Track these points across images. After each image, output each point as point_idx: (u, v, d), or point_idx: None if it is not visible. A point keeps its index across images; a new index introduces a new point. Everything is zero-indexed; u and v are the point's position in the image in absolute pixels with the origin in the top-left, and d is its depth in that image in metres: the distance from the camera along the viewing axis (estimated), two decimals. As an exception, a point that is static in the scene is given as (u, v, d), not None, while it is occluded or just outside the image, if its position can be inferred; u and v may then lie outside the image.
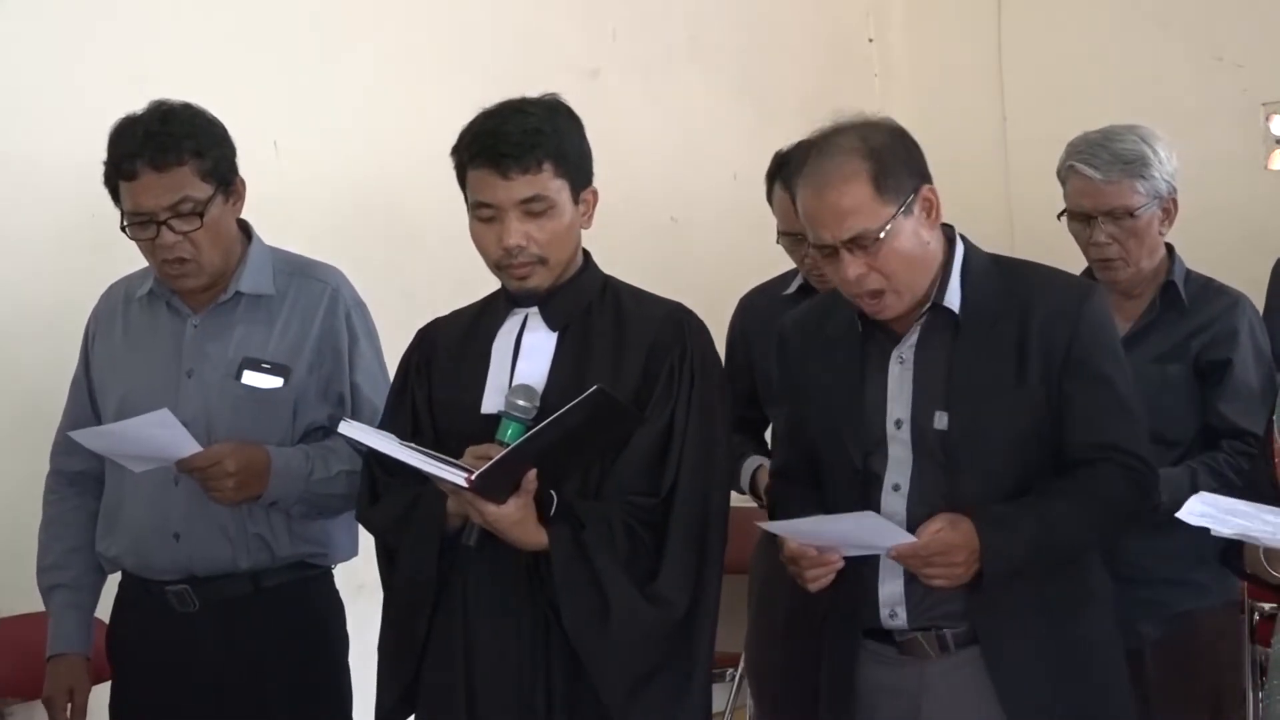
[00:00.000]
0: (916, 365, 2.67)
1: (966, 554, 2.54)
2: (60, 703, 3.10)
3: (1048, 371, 2.62)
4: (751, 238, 3.75)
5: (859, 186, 2.56)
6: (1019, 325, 2.64)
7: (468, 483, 2.48)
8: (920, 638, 2.66)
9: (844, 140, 2.61)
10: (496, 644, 2.65)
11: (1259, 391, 3.20)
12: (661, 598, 2.61)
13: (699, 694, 2.69)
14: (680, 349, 2.67)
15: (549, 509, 2.59)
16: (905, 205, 2.59)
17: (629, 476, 2.64)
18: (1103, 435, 2.63)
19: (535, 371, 2.69)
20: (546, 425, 2.48)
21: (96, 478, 3.17)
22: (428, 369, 2.79)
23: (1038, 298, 2.66)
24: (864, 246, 2.57)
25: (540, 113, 2.67)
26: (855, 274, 2.59)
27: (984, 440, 2.62)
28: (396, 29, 4.67)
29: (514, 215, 2.62)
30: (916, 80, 5.98)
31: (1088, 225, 3.24)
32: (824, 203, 2.58)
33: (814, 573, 2.60)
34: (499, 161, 2.61)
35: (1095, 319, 2.67)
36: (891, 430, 2.66)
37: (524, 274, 2.66)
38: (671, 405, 2.65)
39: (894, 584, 2.65)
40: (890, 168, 2.58)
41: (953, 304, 2.66)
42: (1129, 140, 3.24)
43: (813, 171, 2.61)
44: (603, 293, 2.75)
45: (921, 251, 2.63)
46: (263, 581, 3.08)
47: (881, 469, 2.67)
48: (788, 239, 3.53)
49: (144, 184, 2.94)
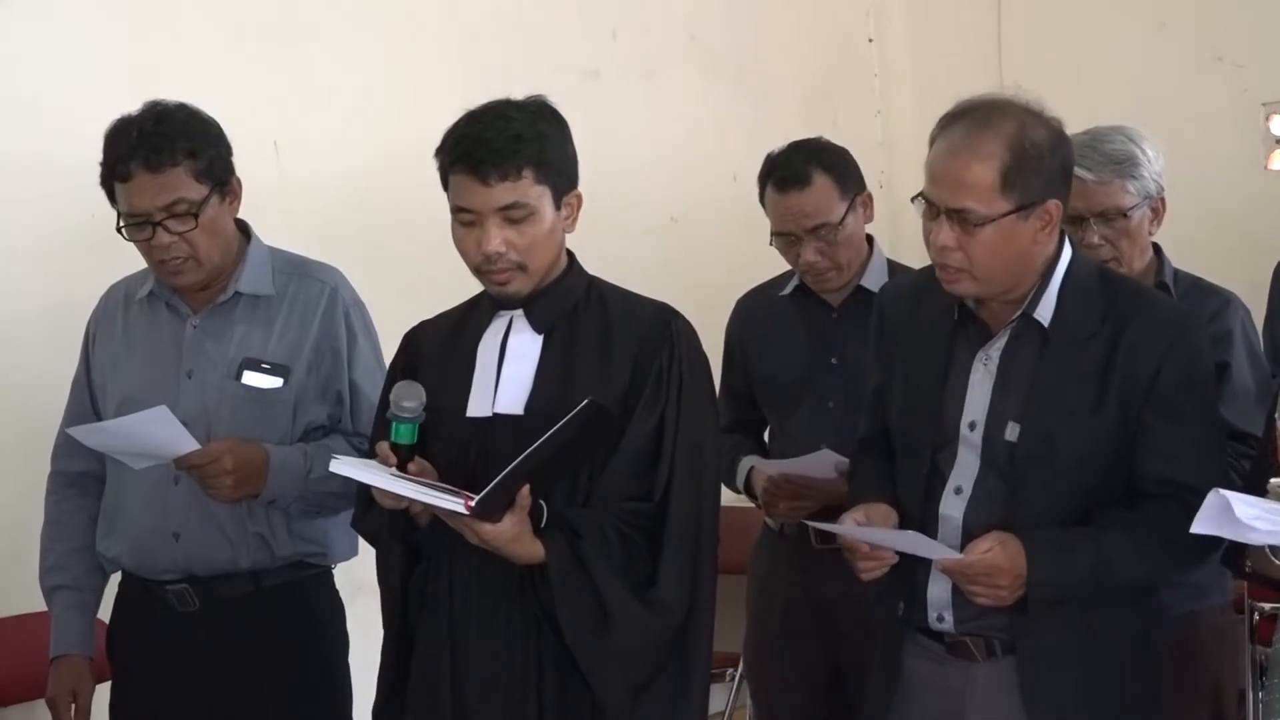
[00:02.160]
0: (1000, 370, 2.65)
1: (1011, 578, 2.53)
2: (64, 704, 3.10)
3: (1129, 399, 2.59)
4: (751, 238, 3.75)
5: (987, 171, 2.54)
6: (1108, 347, 2.60)
7: (467, 508, 2.46)
8: (969, 641, 2.66)
9: (1001, 121, 2.58)
10: (485, 654, 2.64)
11: (1255, 393, 3.19)
12: (660, 604, 2.60)
13: (697, 697, 2.69)
14: (669, 350, 2.66)
15: (539, 520, 2.58)
16: (1022, 210, 2.56)
17: (620, 481, 2.62)
18: (1173, 472, 2.59)
19: (522, 374, 2.68)
20: (543, 443, 2.46)
21: (97, 479, 3.17)
22: (415, 372, 2.77)
23: (1133, 322, 2.61)
24: (963, 223, 2.56)
25: (523, 118, 2.64)
26: (944, 243, 2.57)
27: (1051, 458, 2.59)
28: (396, 29, 4.67)
29: (494, 221, 2.61)
30: (916, 80, 5.98)
31: (1079, 227, 3.24)
32: (950, 166, 2.57)
33: (867, 564, 2.62)
34: (479, 168, 2.59)
35: (1188, 353, 2.62)
36: (965, 432, 2.65)
37: (504, 279, 2.65)
38: (661, 407, 2.64)
39: (942, 587, 2.64)
40: (1026, 169, 2.56)
41: (1044, 317, 2.64)
42: (1117, 141, 3.23)
43: (957, 132, 2.59)
44: (588, 294, 2.74)
45: (1018, 256, 2.60)
46: (263, 581, 3.08)
47: (948, 469, 2.65)
48: (780, 240, 3.53)
49: (138, 185, 2.94)
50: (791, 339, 3.59)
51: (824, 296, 3.56)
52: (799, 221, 3.46)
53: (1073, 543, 2.56)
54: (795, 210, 3.46)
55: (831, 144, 3.57)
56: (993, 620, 2.62)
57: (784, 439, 3.62)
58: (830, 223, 3.45)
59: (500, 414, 2.66)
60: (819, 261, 3.47)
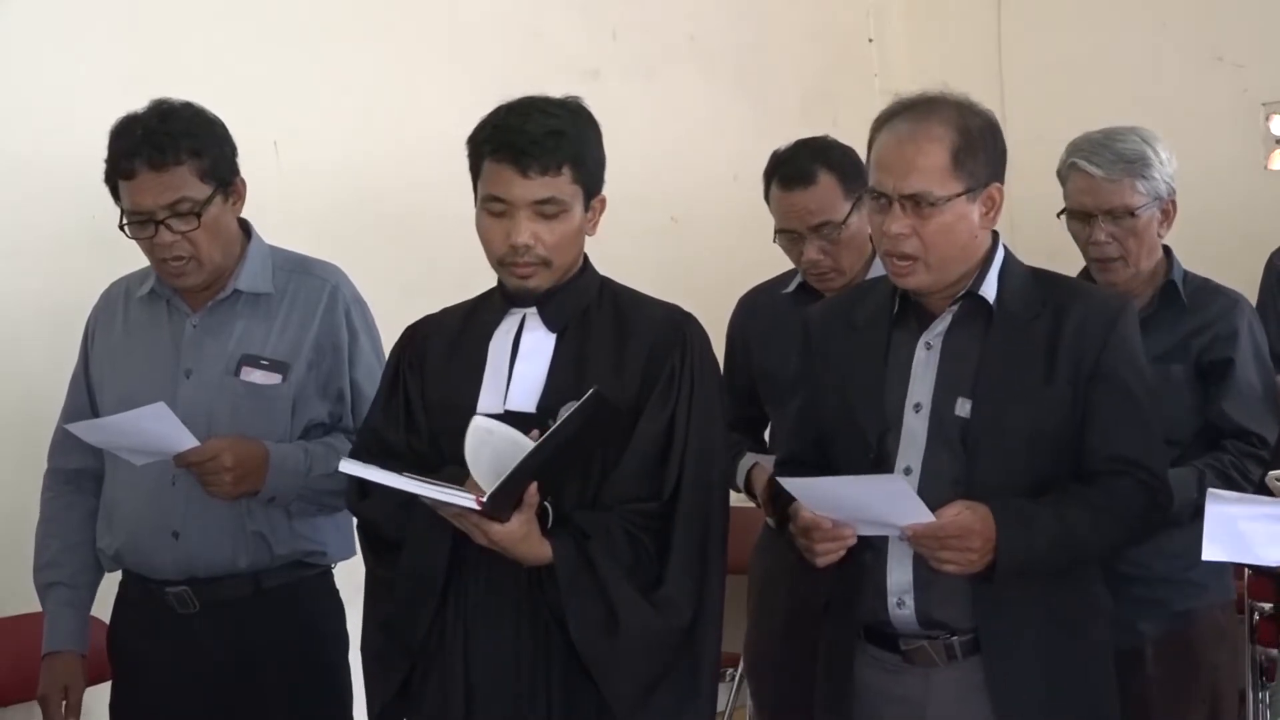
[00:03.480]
0: (944, 352, 2.67)
1: (982, 541, 2.53)
2: (55, 701, 3.10)
3: (1076, 376, 2.63)
4: (751, 238, 3.75)
5: (939, 152, 2.61)
6: (1053, 326, 2.65)
7: (478, 504, 2.46)
8: (928, 646, 2.66)
9: (942, 109, 2.66)
10: (495, 655, 2.63)
11: (1261, 391, 3.20)
12: (668, 604, 2.60)
13: (706, 697, 2.69)
14: (680, 351, 2.67)
15: (546, 521, 2.58)
16: (972, 192, 2.62)
17: (629, 481, 2.62)
18: (1124, 449, 2.64)
19: (535, 372, 2.68)
20: (550, 436, 2.46)
21: (94, 476, 3.17)
22: (420, 367, 2.77)
23: (1074, 304, 2.67)
24: (918, 207, 2.59)
25: (564, 115, 2.66)
26: (898, 230, 2.61)
27: (1006, 432, 2.62)
28: (397, 29, 4.66)
29: (526, 214, 2.62)
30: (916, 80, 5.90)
31: (1087, 224, 3.24)
32: (900, 153, 2.62)
33: (825, 546, 2.59)
34: (519, 159, 2.60)
35: (1127, 332, 2.69)
36: (909, 414, 2.66)
37: (527, 273, 2.65)
38: (671, 407, 2.64)
39: (903, 573, 2.64)
40: (974, 151, 2.63)
41: (989, 295, 2.68)
42: (1131, 140, 3.24)
43: (901, 123, 2.65)
44: (600, 295, 2.75)
45: (967, 239, 2.65)
46: (263, 582, 3.08)
47: (894, 450, 2.66)
48: (784, 237, 3.53)
49: (142, 183, 2.94)
50: (793, 336, 3.58)
51: (828, 295, 3.56)
52: (802, 219, 3.46)
53: (1035, 511, 2.58)
54: (799, 208, 3.47)
55: (838, 143, 3.57)
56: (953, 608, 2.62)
57: (784, 437, 3.62)
58: (833, 221, 3.45)
59: (512, 410, 2.65)
60: (821, 260, 3.47)
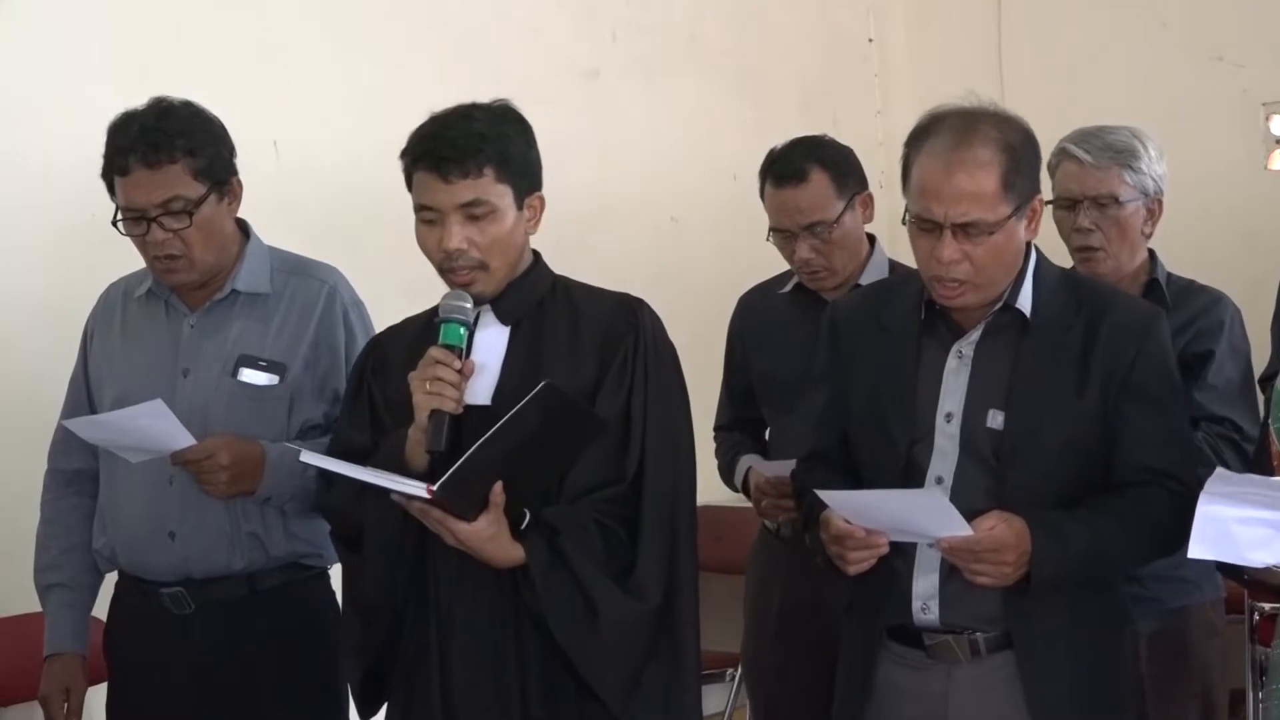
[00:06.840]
0: (976, 362, 2.66)
1: (1017, 555, 2.53)
2: (57, 702, 3.10)
3: (1107, 387, 2.62)
4: (751, 238, 3.75)
5: (989, 179, 2.56)
6: (1086, 337, 2.64)
7: (429, 492, 2.46)
8: (952, 640, 2.65)
9: (984, 126, 2.60)
10: (473, 655, 2.64)
11: (1239, 385, 3.22)
12: (639, 588, 2.61)
13: (691, 679, 2.70)
14: (633, 336, 2.68)
15: (521, 525, 2.58)
16: (1020, 210, 2.59)
17: (590, 467, 2.63)
18: (1155, 460, 2.63)
19: (489, 365, 2.69)
20: (500, 427, 2.47)
21: (93, 477, 3.17)
22: (383, 370, 2.79)
23: (1106, 313, 2.66)
24: (970, 235, 2.56)
25: (485, 118, 2.68)
26: (950, 257, 2.57)
27: (1038, 443, 2.61)
28: (397, 29, 4.67)
29: (455, 219, 2.64)
30: (916, 80, 5.98)
31: (1072, 211, 3.26)
32: (950, 180, 2.56)
33: (857, 555, 2.58)
34: (440, 165, 2.63)
35: (1160, 342, 2.68)
36: (941, 423, 2.65)
37: (467, 279, 2.67)
38: (626, 391, 2.66)
39: (929, 579, 2.63)
40: (1020, 169, 2.59)
41: (1024, 307, 2.66)
42: (1122, 134, 3.29)
43: (947, 148, 2.58)
44: (553, 289, 2.77)
45: (1014, 257, 2.63)
46: (258, 583, 3.07)
47: (925, 461, 2.65)
48: (777, 235, 3.53)
49: (136, 180, 2.94)
50: (790, 337, 3.59)
51: (823, 295, 3.56)
52: (794, 217, 3.46)
53: (1067, 524, 2.58)
54: (791, 206, 3.46)
55: (834, 142, 3.57)
56: (980, 609, 2.62)
57: (782, 437, 3.61)
58: (825, 220, 3.45)
59: (469, 405, 2.65)
60: (813, 259, 3.47)
